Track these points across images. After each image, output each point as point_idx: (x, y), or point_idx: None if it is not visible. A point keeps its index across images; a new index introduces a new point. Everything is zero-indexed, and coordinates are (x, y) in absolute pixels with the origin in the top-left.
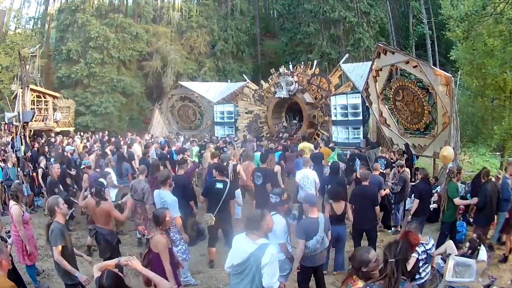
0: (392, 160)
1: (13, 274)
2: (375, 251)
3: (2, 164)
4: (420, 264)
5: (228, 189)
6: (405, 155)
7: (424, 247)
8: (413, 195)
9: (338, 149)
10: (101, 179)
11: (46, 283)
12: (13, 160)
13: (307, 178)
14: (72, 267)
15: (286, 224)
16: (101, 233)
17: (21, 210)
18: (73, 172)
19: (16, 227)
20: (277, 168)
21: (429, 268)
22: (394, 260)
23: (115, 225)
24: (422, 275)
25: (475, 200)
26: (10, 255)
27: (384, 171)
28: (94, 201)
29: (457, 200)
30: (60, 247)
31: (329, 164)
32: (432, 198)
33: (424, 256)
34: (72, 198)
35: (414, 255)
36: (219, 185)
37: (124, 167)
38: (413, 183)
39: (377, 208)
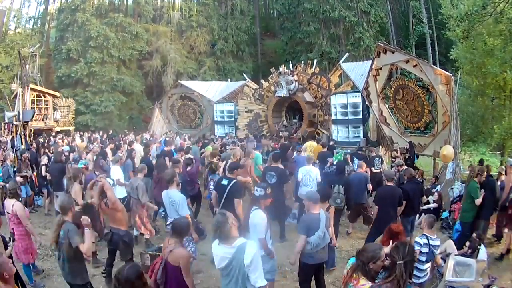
0: (393, 159)
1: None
2: None
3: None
4: (422, 259)
5: (231, 187)
6: (407, 154)
7: (428, 240)
8: None
9: (339, 148)
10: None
11: (42, 282)
12: (11, 158)
13: (309, 175)
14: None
15: (267, 220)
16: (118, 234)
17: (23, 206)
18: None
19: (16, 225)
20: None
21: (429, 268)
22: (402, 262)
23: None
24: (421, 274)
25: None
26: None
27: (381, 169)
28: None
29: (478, 201)
30: (82, 245)
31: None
32: (432, 198)
33: (426, 249)
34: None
35: (417, 246)
36: (224, 182)
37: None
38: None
39: (400, 208)
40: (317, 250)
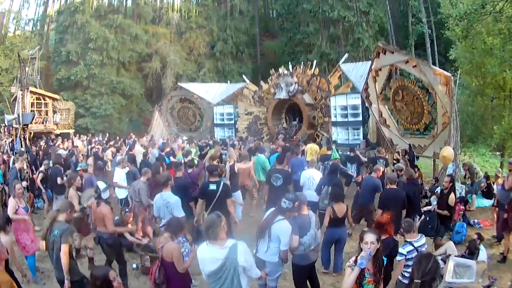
0: (394, 161)
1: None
2: None
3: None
4: (410, 264)
5: (222, 189)
6: (406, 156)
7: (413, 245)
8: None
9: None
10: (100, 182)
11: (43, 280)
12: (20, 165)
13: (313, 179)
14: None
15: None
16: (102, 237)
17: (17, 205)
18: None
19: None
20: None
21: None
22: (420, 281)
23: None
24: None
25: None
26: None
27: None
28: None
29: None
30: (68, 246)
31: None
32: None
33: (414, 254)
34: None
35: (400, 257)
36: (212, 187)
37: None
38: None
39: (404, 211)
40: (309, 251)
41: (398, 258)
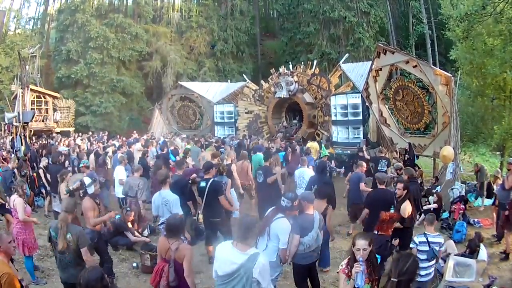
0: (395, 160)
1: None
2: None
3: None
4: (422, 257)
5: (210, 186)
6: (406, 155)
7: (427, 238)
8: None
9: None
10: (86, 177)
11: (44, 279)
12: (14, 165)
13: (303, 177)
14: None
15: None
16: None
17: (24, 203)
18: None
19: (16, 219)
20: (276, 169)
21: (432, 268)
22: (396, 280)
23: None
24: (422, 272)
25: None
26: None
27: (386, 171)
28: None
29: None
30: (87, 248)
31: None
32: (432, 198)
33: (425, 247)
34: None
35: (412, 245)
36: (203, 184)
37: None
38: None
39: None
40: (309, 251)
41: (411, 245)
